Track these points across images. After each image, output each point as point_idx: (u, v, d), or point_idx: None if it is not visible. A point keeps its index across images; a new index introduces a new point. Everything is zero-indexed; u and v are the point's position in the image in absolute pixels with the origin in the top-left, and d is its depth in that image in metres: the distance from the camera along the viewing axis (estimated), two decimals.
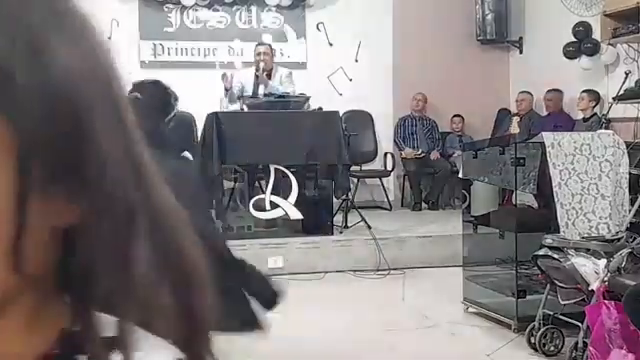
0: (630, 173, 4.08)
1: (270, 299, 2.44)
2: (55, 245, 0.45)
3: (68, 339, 0.46)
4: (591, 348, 3.27)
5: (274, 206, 5.87)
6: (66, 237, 0.45)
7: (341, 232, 6.12)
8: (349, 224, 6.23)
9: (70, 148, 0.42)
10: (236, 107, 6.32)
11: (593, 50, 6.96)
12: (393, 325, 4.38)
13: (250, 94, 6.28)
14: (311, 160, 5.95)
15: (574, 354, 3.53)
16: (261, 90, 6.26)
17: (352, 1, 7.86)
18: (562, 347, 3.82)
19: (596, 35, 6.84)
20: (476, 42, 8.24)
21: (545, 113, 7.52)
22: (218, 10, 7.76)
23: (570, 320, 3.74)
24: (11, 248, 0.41)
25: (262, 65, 6.39)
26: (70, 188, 0.43)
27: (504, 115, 8.11)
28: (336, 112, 6.34)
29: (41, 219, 0.43)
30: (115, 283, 0.45)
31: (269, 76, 6.48)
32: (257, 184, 6.24)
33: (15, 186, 0.41)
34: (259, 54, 6.53)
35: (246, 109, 6.28)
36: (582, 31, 7.03)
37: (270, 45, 6.78)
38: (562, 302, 3.71)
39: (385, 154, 7.96)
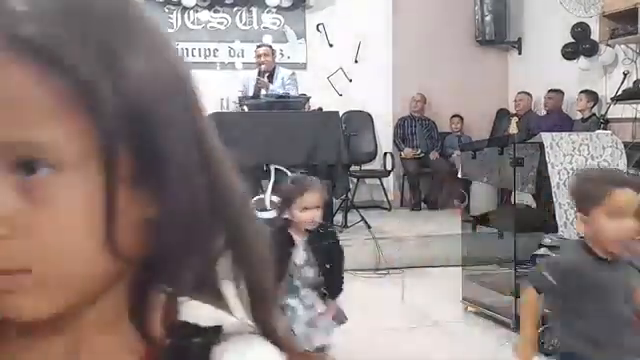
0: (628, 173, 4.10)
1: None
2: (143, 234, 0.51)
3: (177, 329, 0.53)
4: None
5: (274, 206, 5.88)
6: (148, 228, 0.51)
7: (341, 232, 6.12)
8: (349, 224, 6.25)
9: (149, 152, 0.48)
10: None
11: (591, 51, 6.98)
12: (392, 325, 4.40)
13: (250, 95, 6.30)
14: (311, 160, 5.96)
15: None
16: (262, 93, 6.28)
17: (352, 2, 7.88)
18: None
19: (594, 36, 6.86)
20: (475, 43, 8.26)
21: (544, 112, 7.54)
22: (219, 11, 7.78)
23: None
24: (106, 234, 0.48)
25: (263, 67, 6.41)
26: (151, 186, 0.49)
27: (503, 115, 8.13)
28: (336, 112, 6.35)
29: (129, 211, 0.49)
30: (191, 269, 0.52)
31: (270, 77, 6.50)
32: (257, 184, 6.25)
33: (104, 181, 0.47)
34: (259, 56, 6.55)
35: (246, 109, 6.30)
36: (580, 32, 7.04)
37: (270, 46, 6.79)
38: None
39: (385, 154, 7.98)
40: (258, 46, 6.82)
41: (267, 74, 6.46)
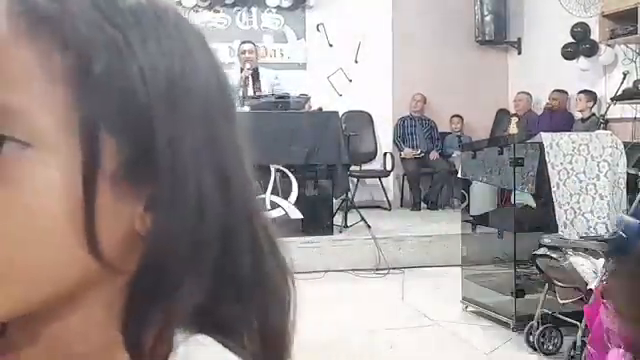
0: (628, 173, 4.10)
1: None
2: (135, 248, 0.45)
3: None
4: (589, 347, 3.28)
5: (274, 206, 5.88)
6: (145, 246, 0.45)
7: (341, 232, 6.13)
8: (349, 224, 6.25)
9: (138, 140, 0.43)
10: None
11: (591, 51, 6.98)
12: (392, 324, 4.40)
13: (251, 94, 6.28)
14: (311, 160, 5.96)
15: (572, 353, 3.54)
16: (250, 92, 6.22)
17: (352, 2, 7.88)
18: (561, 346, 3.83)
19: (594, 36, 6.86)
20: (475, 43, 8.26)
21: (544, 112, 7.53)
22: (219, 11, 7.77)
23: (568, 319, 3.75)
24: (85, 226, 0.42)
25: (248, 65, 6.34)
26: (140, 180, 0.44)
27: (503, 115, 8.14)
28: (336, 112, 6.35)
29: (114, 207, 0.43)
30: (190, 295, 0.45)
31: (254, 76, 6.42)
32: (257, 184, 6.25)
33: (84, 167, 0.42)
34: (244, 52, 6.46)
35: (247, 109, 6.28)
36: (580, 32, 7.04)
37: (254, 44, 6.73)
38: (560, 301, 3.72)
39: (384, 154, 7.99)
40: (242, 42, 6.67)
41: (251, 73, 6.38)
